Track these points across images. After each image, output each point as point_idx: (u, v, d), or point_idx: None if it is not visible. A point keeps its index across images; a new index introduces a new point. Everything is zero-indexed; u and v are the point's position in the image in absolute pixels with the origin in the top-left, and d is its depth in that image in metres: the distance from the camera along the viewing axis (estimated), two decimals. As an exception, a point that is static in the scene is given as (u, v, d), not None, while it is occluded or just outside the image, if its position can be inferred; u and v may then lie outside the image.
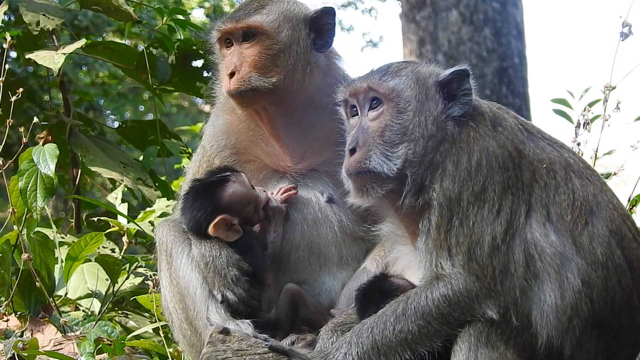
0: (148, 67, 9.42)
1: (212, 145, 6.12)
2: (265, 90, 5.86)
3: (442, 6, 16.53)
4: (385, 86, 5.21)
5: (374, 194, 5.15)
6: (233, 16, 6.00)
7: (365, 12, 40.10)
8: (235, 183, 5.67)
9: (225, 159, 6.06)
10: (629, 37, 6.95)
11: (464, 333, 4.86)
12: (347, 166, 5.20)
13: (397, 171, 5.08)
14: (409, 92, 5.20)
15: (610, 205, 5.12)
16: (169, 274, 5.82)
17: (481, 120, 5.15)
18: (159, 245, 5.94)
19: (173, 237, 5.87)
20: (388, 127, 5.15)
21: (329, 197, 5.94)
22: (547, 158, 5.12)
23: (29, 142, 7.31)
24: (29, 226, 7.24)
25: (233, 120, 6.13)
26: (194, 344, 5.78)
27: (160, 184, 9.52)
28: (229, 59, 5.94)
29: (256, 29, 5.91)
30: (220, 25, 6.00)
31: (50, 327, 6.88)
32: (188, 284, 5.72)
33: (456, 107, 5.17)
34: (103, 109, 22.44)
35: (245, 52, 5.91)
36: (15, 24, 10.89)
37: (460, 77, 5.20)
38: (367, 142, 5.15)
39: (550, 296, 4.85)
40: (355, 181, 5.18)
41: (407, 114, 5.16)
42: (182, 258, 5.77)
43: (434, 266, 4.94)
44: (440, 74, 5.27)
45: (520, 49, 16.77)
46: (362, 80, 5.29)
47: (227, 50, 6.00)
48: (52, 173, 7.02)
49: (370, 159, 5.12)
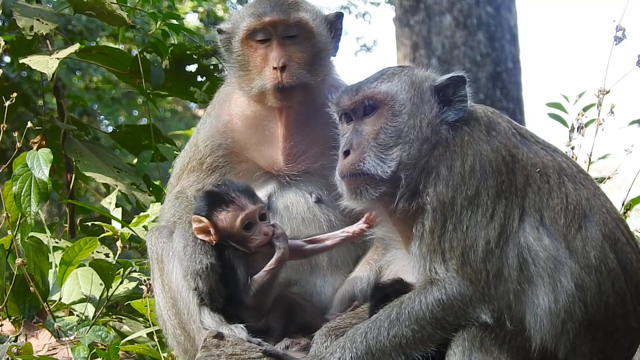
0: (142, 71, 9.41)
1: (206, 145, 6.11)
2: (307, 87, 5.94)
3: (435, 10, 16.56)
4: (380, 90, 5.21)
5: (367, 196, 5.15)
6: (276, 8, 6.01)
7: (359, 17, 40.10)
8: (234, 212, 5.64)
9: (218, 159, 6.08)
10: (622, 41, 6.96)
11: (458, 337, 4.86)
12: (341, 168, 5.19)
13: (391, 174, 5.08)
14: (404, 95, 5.21)
15: (603, 209, 5.13)
16: (161, 280, 5.83)
17: (476, 125, 5.16)
18: (150, 253, 5.95)
19: (162, 243, 5.88)
20: (383, 129, 5.15)
21: (317, 197, 5.95)
22: (541, 162, 5.13)
23: (23, 147, 7.30)
24: (23, 231, 7.24)
25: (234, 120, 6.13)
26: (187, 349, 5.77)
27: (154, 189, 9.51)
28: (274, 53, 5.92)
29: (303, 25, 6.00)
30: (260, 18, 5.98)
31: (44, 332, 6.87)
32: (180, 288, 5.71)
33: (451, 112, 5.18)
34: (97, 113, 22.40)
35: (290, 48, 5.95)
36: (9, 28, 10.86)
37: (456, 83, 5.22)
38: (361, 144, 5.15)
39: (543, 300, 4.85)
40: (349, 183, 5.18)
41: (402, 116, 5.17)
42: (173, 262, 5.77)
43: (427, 271, 4.95)
44: (436, 78, 5.28)
45: (514, 53, 16.80)
46: (356, 90, 5.28)
47: (262, 45, 5.99)
48: (46, 178, 7.02)
49: (364, 161, 5.12)
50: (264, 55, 5.96)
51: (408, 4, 16.80)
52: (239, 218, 5.59)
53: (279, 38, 5.95)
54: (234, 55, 6.08)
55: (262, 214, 5.66)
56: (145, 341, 7.21)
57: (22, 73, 14.35)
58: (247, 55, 6.02)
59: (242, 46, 6.02)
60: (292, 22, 5.97)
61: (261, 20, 5.95)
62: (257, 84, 5.93)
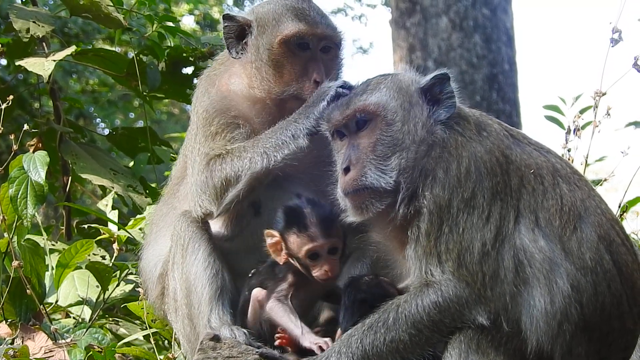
0: (138, 74, 9.41)
1: (215, 109, 6.06)
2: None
3: (432, 13, 16.55)
4: (371, 102, 5.23)
5: (373, 209, 5.15)
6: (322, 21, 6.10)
7: (355, 19, 40.05)
8: (303, 240, 5.50)
9: (229, 118, 6.04)
10: (619, 43, 6.96)
11: (455, 340, 4.87)
12: (343, 185, 5.18)
13: (394, 183, 5.09)
14: (394, 103, 5.22)
15: (598, 210, 5.13)
16: (182, 268, 5.84)
17: (465, 124, 5.20)
18: (176, 238, 5.91)
19: (191, 232, 5.86)
20: (379, 141, 5.16)
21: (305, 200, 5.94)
22: (535, 163, 5.14)
23: (19, 149, 7.29)
24: (20, 233, 7.22)
25: (235, 98, 6.11)
26: (191, 340, 5.86)
27: (150, 191, 9.50)
28: (316, 66, 5.99)
29: (338, 42, 6.17)
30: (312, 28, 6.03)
31: (40, 334, 6.86)
32: (197, 282, 5.75)
33: (441, 110, 5.21)
34: (93, 116, 22.40)
35: (323, 62, 6.03)
36: (5, 31, 10.84)
37: (441, 81, 5.25)
38: (360, 159, 5.15)
39: (539, 301, 4.86)
40: (353, 199, 5.17)
41: (396, 124, 5.18)
42: (197, 254, 5.80)
43: (423, 273, 4.95)
44: (420, 80, 5.30)
45: (510, 55, 16.80)
46: (347, 105, 5.30)
47: (300, 51, 6.01)
48: (42, 180, 7.01)
49: (366, 175, 5.11)
50: (302, 64, 6.00)
51: (404, 6, 16.79)
52: (305, 247, 5.47)
53: (317, 50, 6.03)
54: (262, 50, 6.06)
55: (333, 248, 5.50)
56: (141, 344, 7.23)
57: (19, 76, 14.39)
58: (283, 57, 6.02)
59: (280, 46, 6.02)
60: (335, 40, 6.11)
61: (313, 30, 6.02)
62: (291, 89, 5.96)
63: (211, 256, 5.79)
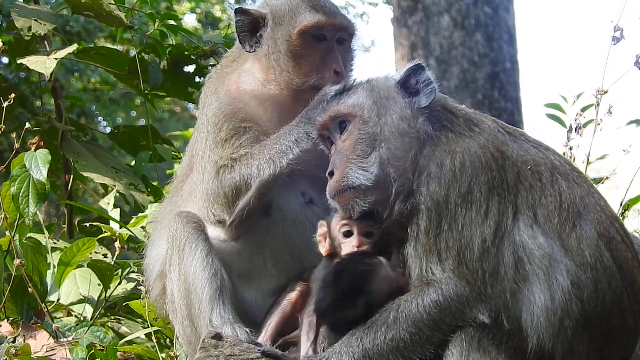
0: (140, 72, 9.41)
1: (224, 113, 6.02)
2: None
3: (433, 11, 16.54)
4: (346, 105, 5.32)
5: (358, 208, 5.19)
6: (338, 12, 6.14)
7: (357, 17, 40.04)
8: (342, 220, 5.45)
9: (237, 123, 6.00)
10: (620, 41, 6.96)
11: (456, 338, 4.87)
12: (329, 189, 5.26)
13: (374, 177, 5.14)
14: (369, 101, 5.30)
15: (597, 207, 5.14)
16: (179, 269, 5.83)
17: (454, 119, 5.25)
18: (172, 239, 5.90)
19: (188, 233, 5.85)
20: (358, 140, 5.23)
21: (310, 198, 5.95)
22: (532, 159, 5.15)
23: (21, 148, 7.30)
24: (21, 232, 7.23)
25: (245, 98, 6.08)
26: (191, 341, 5.82)
27: (152, 189, 9.51)
28: (335, 56, 5.99)
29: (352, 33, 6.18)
30: (331, 19, 6.03)
31: (42, 332, 6.87)
32: (196, 282, 5.73)
33: (421, 98, 5.27)
34: (95, 114, 22.42)
35: (339, 52, 6.04)
36: (7, 29, 10.87)
37: (415, 71, 5.32)
38: (342, 161, 5.22)
39: (539, 297, 4.86)
40: (339, 201, 5.23)
41: (372, 120, 5.25)
42: (195, 255, 5.78)
43: (424, 271, 4.96)
44: (395, 75, 5.38)
45: (512, 53, 16.78)
46: (324, 113, 5.40)
47: (318, 43, 6.01)
48: (44, 178, 7.02)
49: (347, 175, 5.18)
50: (321, 55, 6.00)
51: (406, 4, 16.78)
52: (341, 223, 5.40)
53: (333, 41, 6.04)
54: (280, 42, 6.03)
55: (368, 232, 5.39)
56: (143, 342, 7.22)
57: (20, 74, 14.39)
58: (302, 47, 6.01)
59: (299, 37, 6.00)
60: (350, 31, 6.12)
61: (332, 21, 6.03)
62: (311, 80, 5.94)
63: (209, 256, 5.78)
